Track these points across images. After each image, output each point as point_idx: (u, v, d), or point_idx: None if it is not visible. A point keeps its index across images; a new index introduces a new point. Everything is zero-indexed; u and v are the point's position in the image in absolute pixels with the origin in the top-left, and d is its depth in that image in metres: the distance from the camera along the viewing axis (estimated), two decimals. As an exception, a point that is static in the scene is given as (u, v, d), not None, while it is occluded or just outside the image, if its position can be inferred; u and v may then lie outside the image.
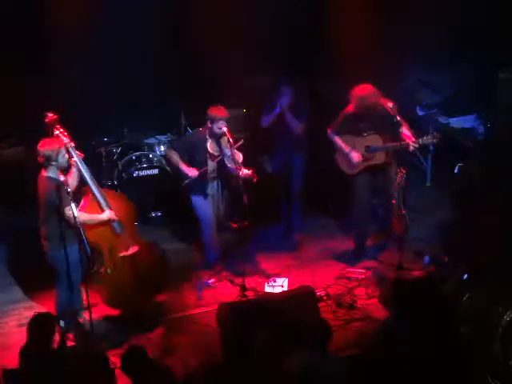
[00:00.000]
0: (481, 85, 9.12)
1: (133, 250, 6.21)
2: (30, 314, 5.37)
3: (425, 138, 6.68)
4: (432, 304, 4.84)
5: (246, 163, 6.81)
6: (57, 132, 5.99)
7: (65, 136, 6.00)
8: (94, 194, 6.00)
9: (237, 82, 8.61)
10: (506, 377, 4.87)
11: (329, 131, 7.07)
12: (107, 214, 5.98)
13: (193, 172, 6.75)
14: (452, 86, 9.51)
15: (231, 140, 6.62)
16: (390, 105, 6.75)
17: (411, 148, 6.65)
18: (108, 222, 6.02)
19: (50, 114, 6.07)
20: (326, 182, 8.26)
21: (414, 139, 6.64)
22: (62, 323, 5.20)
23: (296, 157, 7.51)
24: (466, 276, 5.93)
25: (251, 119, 8.58)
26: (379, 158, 6.93)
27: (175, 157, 6.88)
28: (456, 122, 9.51)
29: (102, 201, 6.01)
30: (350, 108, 6.89)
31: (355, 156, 6.92)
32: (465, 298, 5.38)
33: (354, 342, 5.80)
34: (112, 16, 8.24)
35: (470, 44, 9.01)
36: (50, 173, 5.72)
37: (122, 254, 6.15)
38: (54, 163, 5.70)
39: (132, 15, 8.50)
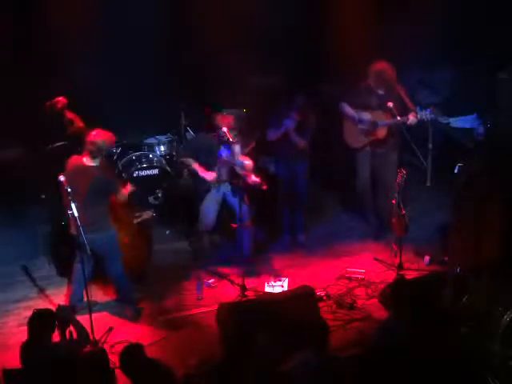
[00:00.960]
0: (481, 84, 9.12)
1: (147, 214, 6.83)
2: (30, 313, 5.34)
3: (423, 112, 7.21)
4: (431, 304, 4.84)
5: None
6: (70, 117, 6.08)
7: (78, 120, 6.13)
8: None
9: (237, 82, 8.62)
10: (506, 377, 4.87)
11: (341, 102, 7.45)
12: (128, 188, 6.34)
13: (211, 175, 6.90)
14: (452, 85, 9.52)
15: (231, 139, 6.67)
16: (391, 104, 7.05)
17: (409, 122, 7.13)
18: (126, 197, 6.42)
19: (61, 98, 6.12)
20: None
21: (414, 113, 7.14)
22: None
23: (299, 164, 7.53)
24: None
25: (252, 119, 8.59)
26: (381, 134, 7.34)
27: (191, 161, 7.03)
28: (456, 122, 9.52)
29: None
30: (367, 82, 7.32)
31: (366, 115, 7.33)
32: (465, 298, 5.38)
33: (354, 341, 5.80)
34: (112, 16, 8.25)
35: (470, 44, 9.02)
36: (95, 163, 5.98)
37: (135, 221, 6.75)
38: (101, 154, 5.99)
39: (132, 15, 8.50)
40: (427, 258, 7.08)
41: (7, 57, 8.10)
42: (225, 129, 6.71)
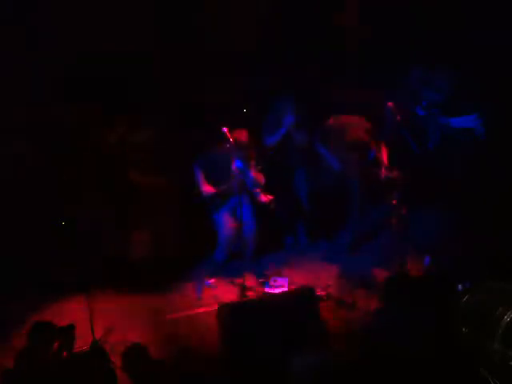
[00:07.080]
0: (482, 84, 9.11)
1: None
2: (29, 313, 5.36)
3: None
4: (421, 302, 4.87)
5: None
6: None
7: None
8: None
9: (237, 82, 8.61)
10: (506, 377, 4.87)
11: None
12: None
13: (209, 190, 6.77)
14: (452, 85, 9.51)
15: (231, 140, 6.63)
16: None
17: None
18: None
19: None
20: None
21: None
22: None
23: (299, 172, 7.55)
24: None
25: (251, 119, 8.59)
26: None
27: (197, 173, 6.88)
28: (456, 122, 9.51)
29: None
30: None
31: None
32: (465, 298, 5.38)
33: (354, 342, 5.80)
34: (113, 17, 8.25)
35: (470, 43, 9.02)
36: None
37: None
38: None
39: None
40: (427, 257, 7.09)
41: None
42: (225, 129, 6.68)
